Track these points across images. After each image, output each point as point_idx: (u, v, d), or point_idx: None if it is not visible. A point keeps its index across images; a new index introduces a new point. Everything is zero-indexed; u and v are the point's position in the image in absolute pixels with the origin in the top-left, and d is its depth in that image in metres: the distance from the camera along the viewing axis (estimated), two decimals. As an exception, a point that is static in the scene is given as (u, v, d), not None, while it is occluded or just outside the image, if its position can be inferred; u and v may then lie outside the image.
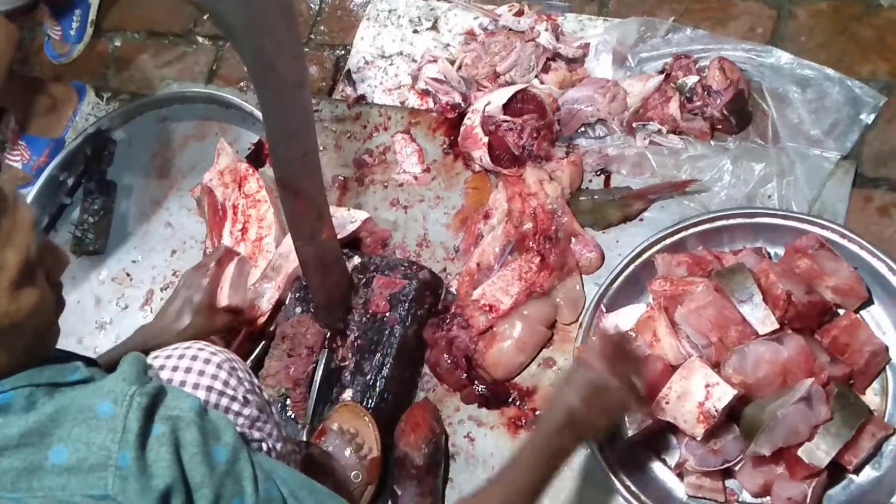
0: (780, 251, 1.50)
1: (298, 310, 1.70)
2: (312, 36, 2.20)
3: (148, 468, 0.81)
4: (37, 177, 2.18)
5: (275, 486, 0.91)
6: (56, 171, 2.16)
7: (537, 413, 1.56)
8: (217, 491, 0.84)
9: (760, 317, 1.32)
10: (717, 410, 1.27)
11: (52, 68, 2.46)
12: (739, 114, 1.67)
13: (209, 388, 1.12)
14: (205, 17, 2.27)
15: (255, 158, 2.00)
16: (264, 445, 1.14)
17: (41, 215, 2.14)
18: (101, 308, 2.02)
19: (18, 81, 2.25)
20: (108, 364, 1.16)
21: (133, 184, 2.14)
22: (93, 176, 2.14)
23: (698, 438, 1.29)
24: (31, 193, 2.14)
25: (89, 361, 0.99)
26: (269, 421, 1.19)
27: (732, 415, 1.32)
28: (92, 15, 2.44)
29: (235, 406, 1.13)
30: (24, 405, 0.83)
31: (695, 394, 1.28)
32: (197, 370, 1.13)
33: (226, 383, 1.13)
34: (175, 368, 1.11)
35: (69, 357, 0.95)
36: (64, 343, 2.03)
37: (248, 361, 1.73)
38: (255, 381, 1.21)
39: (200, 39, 2.33)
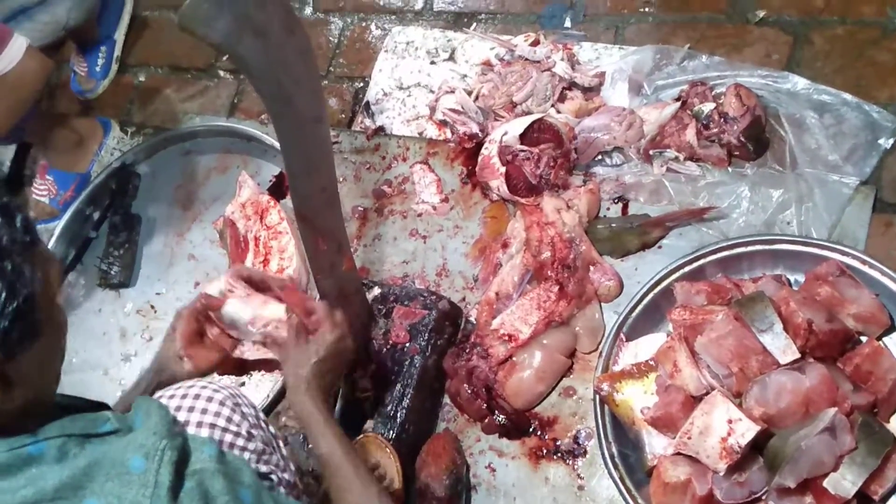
0: (801, 278, 1.49)
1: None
2: (331, 68, 2.23)
3: None
4: (63, 211, 2.23)
5: None
6: (82, 206, 2.20)
7: (555, 441, 1.56)
8: None
9: (781, 346, 1.31)
10: (740, 447, 1.26)
11: (78, 103, 2.51)
12: (757, 140, 1.67)
13: (212, 426, 1.13)
14: (225, 57, 2.31)
15: (277, 190, 2.03)
16: (273, 477, 1.15)
17: (68, 249, 2.18)
18: (127, 340, 2.05)
19: (45, 117, 2.30)
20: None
21: (157, 217, 2.18)
22: (118, 210, 2.18)
23: (721, 474, 1.28)
24: (57, 227, 2.18)
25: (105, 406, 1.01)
26: (276, 453, 1.20)
27: (756, 446, 1.30)
28: (117, 51, 2.50)
29: (240, 441, 1.14)
30: (57, 456, 0.84)
31: (717, 429, 1.27)
32: (200, 408, 1.14)
33: (229, 419, 1.15)
34: (179, 408, 1.12)
35: (95, 406, 0.97)
36: (90, 375, 2.07)
37: (270, 393, 1.75)
38: (261, 415, 1.22)
39: (222, 73, 2.38)
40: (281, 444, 1.26)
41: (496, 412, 1.61)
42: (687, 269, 1.55)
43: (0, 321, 0.82)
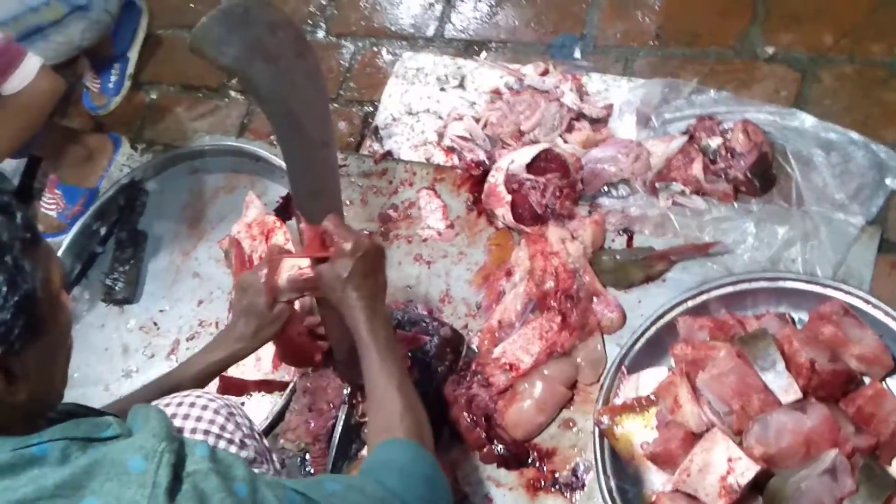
0: (804, 317, 1.48)
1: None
2: (342, 92, 2.25)
3: None
4: (71, 225, 2.24)
5: (291, 492, 0.95)
6: (90, 221, 2.21)
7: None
8: None
9: (783, 385, 1.31)
10: (739, 486, 1.24)
11: (90, 119, 2.53)
12: (763, 176, 1.67)
13: (206, 432, 1.17)
14: (235, 78, 2.33)
15: (283, 211, 2.03)
16: None
17: (74, 263, 2.19)
18: (129, 356, 2.05)
19: (57, 132, 2.32)
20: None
21: (163, 234, 2.19)
22: (125, 225, 2.19)
23: (719, 513, 1.27)
24: (64, 241, 2.19)
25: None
26: (267, 464, 1.22)
27: (756, 485, 1.29)
28: (130, 69, 2.53)
29: (233, 448, 1.17)
30: (59, 458, 0.85)
31: (717, 467, 1.26)
32: (195, 416, 1.18)
33: (223, 427, 1.18)
34: (174, 416, 1.16)
35: (99, 415, 0.98)
36: (92, 390, 2.07)
37: (269, 415, 1.74)
38: (256, 428, 1.26)
39: (233, 94, 2.39)
40: (274, 457, 1.27)
41: (495, 441, 1.60)
42: (690, 303, 1.54)
43: (1, 314, 0.84)
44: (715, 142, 1.71)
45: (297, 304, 1.50)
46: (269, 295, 1.43)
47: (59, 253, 2.16)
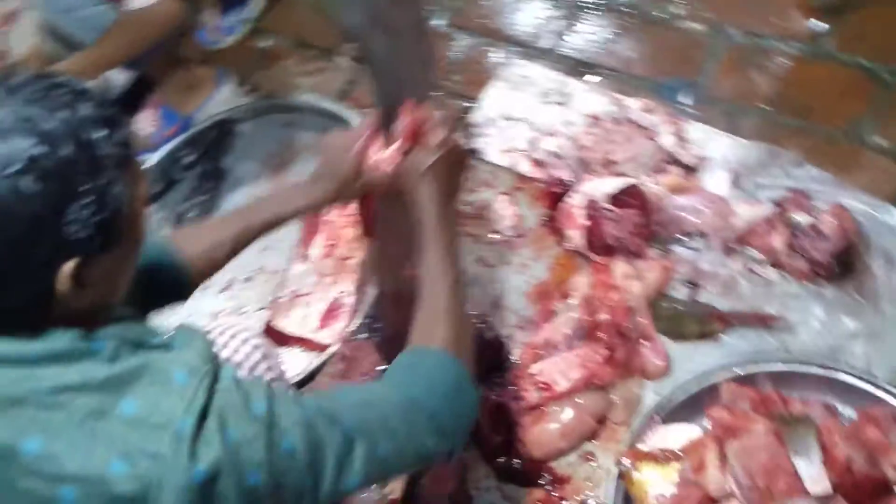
0: (852, 414, 1.45)
1: (364, 336, 1.73)
2: (445, 82, 2.27)
3: (203, 438, 0.87)
4: (160, 147, 2.30)
5: (310, 410, 0.95)
6: (179, 147, 2.27)
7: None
8: (268, 440, 0.90)
9: (814, 475, 1.28)
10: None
11: (200, 54, 2.60)
12: (844, 264, 1.64)
13: (239, 364, 1.21)
14: (350, 45, 2.37)
15: (363, 182, 2.06)
16: None
17: (153, 184, 2.26)
18: (183, 284, 2.10)
19: (168, 52, 2.39)
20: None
21: (244, 177, 2.24)
22: (210, 161, 2.25)
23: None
24: (150, 161, 2.26)
25: None
26: None
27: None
28: (252, 13, 2.59)
29: None
30: (110, 355, 0.90)
31: (726, 537, 1.25)
32: (233, 347, 1.23)
33: (255, 365, 1.23)
34: (212, 344, 1.19)
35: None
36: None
37: (303, 372, 1.77)
38: (286, 375, 1.29)
39: (343, 59, 2.44)
40: None
41: (512, 455, 1.60)
42: (740, 371, 1.52)
43: (84, 230, 0.87)
44: (804, 218, 1.68)
45: None
46: (357, 165, 1.34)
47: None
